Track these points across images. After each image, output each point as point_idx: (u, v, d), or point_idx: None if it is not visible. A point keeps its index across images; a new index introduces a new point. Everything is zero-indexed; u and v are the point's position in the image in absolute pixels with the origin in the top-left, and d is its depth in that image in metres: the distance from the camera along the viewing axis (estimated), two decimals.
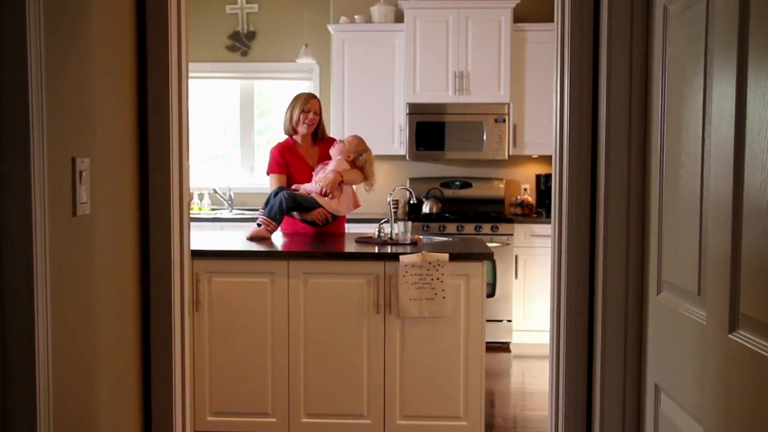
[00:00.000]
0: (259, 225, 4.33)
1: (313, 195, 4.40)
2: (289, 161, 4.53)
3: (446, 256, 3.68)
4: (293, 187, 4.50)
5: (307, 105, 4.51)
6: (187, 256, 2.17)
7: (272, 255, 3.78)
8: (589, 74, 2.00)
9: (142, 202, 2.04)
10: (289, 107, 4.56)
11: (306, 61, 6.00)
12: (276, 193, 4.36)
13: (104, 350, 1.81)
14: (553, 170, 2.17)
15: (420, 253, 3.69)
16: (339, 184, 4.38)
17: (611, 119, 1.91)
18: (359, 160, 4.45)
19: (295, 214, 4.44)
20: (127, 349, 1.98)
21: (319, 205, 4.35)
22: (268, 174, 4.60)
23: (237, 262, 3.77)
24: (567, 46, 2.01)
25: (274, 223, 4.25)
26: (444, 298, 3.69)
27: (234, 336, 3.78)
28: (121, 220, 1.93)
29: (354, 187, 4.60)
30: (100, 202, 1.77)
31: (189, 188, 2.38)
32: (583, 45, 1.99)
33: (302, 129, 4.52)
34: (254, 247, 3.92)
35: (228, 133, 7.19)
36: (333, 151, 4.46)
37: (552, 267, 2.20)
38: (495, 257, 5.38)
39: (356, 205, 4.58)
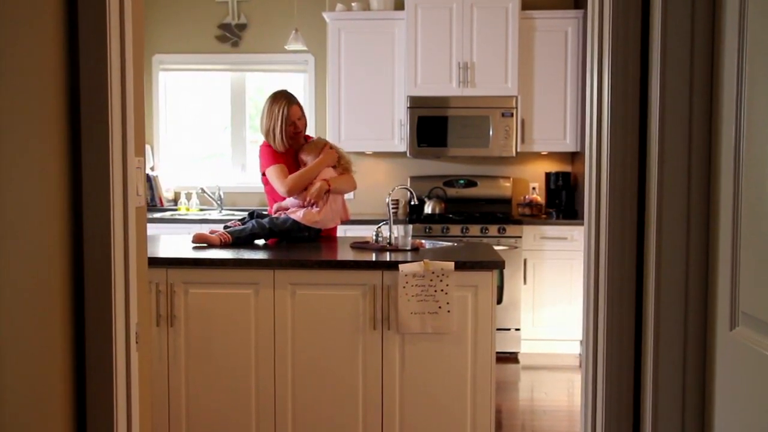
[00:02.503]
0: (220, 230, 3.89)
1: (291, 209, 3.96)
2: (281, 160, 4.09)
3: (451, 264, 3.28)
4: (275, 206, 4.08)
5: (290, 117, 4.00)
6: (137, 274, 1.76)
7: (256, 263, 3.36)
8: (636, 52, 1.59)
9: (74, 212, 1.62)
10: (267, 118, 4.00)
11: (296, 47, 5.57)
12: (250, 218, 3.98)
13: (15, 408, 1.40)
14: (587, 170, 1.76)
15: (422, 261, 3.28)
16: (326, 193, 3.95)
17: (666, 107, 1.50)
18: (343, 162, 4.04)
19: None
20: (53, 398, 1.57)
21: (296, 227, 3.88)
22: (265, 169, 4.04)
23: (216, 272, 3.37)
24: (608, 18, 1.60)
25: (230, 240, 3.80)
26: (449, 311, 3.28)
27: (213, 354, 3.37)
28: (43, 235, 1.52)
29: (346, 197, 4.18)
30: (7, 212, 1.36)
31: (145, 191, 1.97)
32: (629, 15, 1.58)
33: (294, 143, 4.08)
34: (235, 254, 3.50)
35: (223, 129, 6.77)
36: (307, 159, 4.02)
37: (585, 288, 1.78)
38: None
39: (345, 218, 4.14)
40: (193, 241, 3.77)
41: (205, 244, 3.75)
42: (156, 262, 3.34)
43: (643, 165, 1.59)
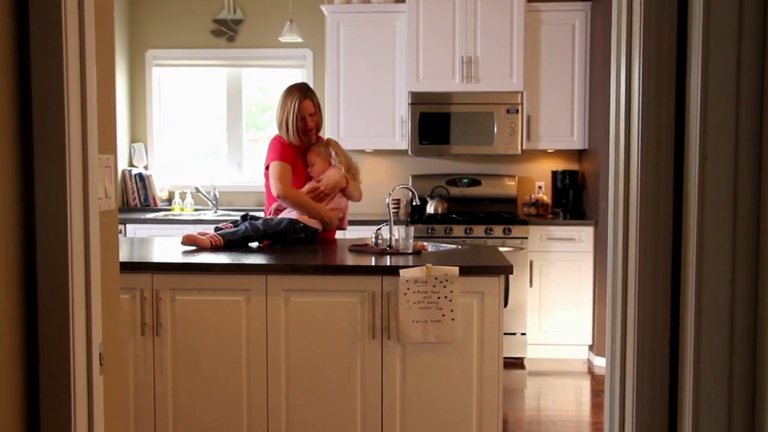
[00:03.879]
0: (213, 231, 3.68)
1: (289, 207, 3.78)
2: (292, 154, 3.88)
3: (456, 269, 3.07)
4: (273, 206, 3.87)
5: (301, 112, 3.77)
6: (102, 287, 1.56)
7: (247, 268, 3.15)
8: (672, 33, 1.38)
9: (25, 218, 1.42)
10: (280, 111, 3.81)
11: (291, 38, 5.33)
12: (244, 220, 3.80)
13: None
14: (612, 170, 1.55)
15: (424, 266, 3.07)
16: (341, 190, 3.81)
17: (709, 95, 1.29)
18: (352, 170, 3.88)
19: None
20: None
21: (291, 228, 3.67)
22: (270, 162, 3.79)
23: (205, 277, 3.15)
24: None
25: (221, 243, 3.58)
26: (453, 320, 3.07)
27: (202, 365, 3.17)
28: None
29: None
30: None
31: (116, 193, 1.77)
32: None
33: (306, 139, 3.88)
34: (225, 258, 3.29)
35: (219, 126, 6.56)
36: (315, 161, 3.84)
37: (610, 302, 1.57)
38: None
39: (342, 227, 3.95)
40: (182, 243, 3.57)
41: (195, 247, 3.54)
42: (141, 267, 3.14)
43: (680, 163, 1.38)
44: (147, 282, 3.13)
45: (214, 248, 3.53)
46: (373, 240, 3.64)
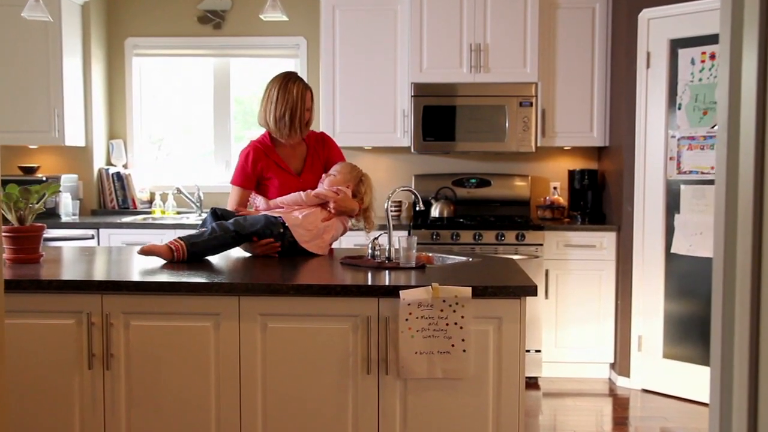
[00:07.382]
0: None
1: (286, 208, 3.26)
2: (264, 168, 3.38)
3: (468, 290, 2.53)
4: (271, 203, 3.36)
5: (306, 103, 3.39)
6: None
7: (216, 288, 2.61)
8: None
9: None
10: (281, 102, 3.35)
11: (274, 16, 4.77)
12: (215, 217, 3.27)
13: None
14: (723, 170, 1.02)
15: (429, 286, 2.54)
16: (344, 214, 3.40)
17: None
18: (360, 188, 3.41)
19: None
20: None
21: (267, 231, 3.13)
22: (231, 181, 3.51)
23: (165, 299, 2.62)
24: None
25: (184, 252, 3.02)
26: (464, 351, 2.54)
27: (162, 404, 2.64)
28: None
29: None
30: None
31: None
32: None
33: (303, 133, 3.45)
34: (189, 275, 2.75)
35: (205, 121, 6.03)
36: (340, 175, 3.38)
37: (719, 333, 1.05)
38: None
39: (321, 250, 3.39)
40: (140, 253, 3.03)
41: (162, 259, 3.02)
42: (87, 287, 2.62)
43: None
44: (95, 304, 2.60)
45: (177, 257, 2.99)
46: (370, 251, 3.11)
